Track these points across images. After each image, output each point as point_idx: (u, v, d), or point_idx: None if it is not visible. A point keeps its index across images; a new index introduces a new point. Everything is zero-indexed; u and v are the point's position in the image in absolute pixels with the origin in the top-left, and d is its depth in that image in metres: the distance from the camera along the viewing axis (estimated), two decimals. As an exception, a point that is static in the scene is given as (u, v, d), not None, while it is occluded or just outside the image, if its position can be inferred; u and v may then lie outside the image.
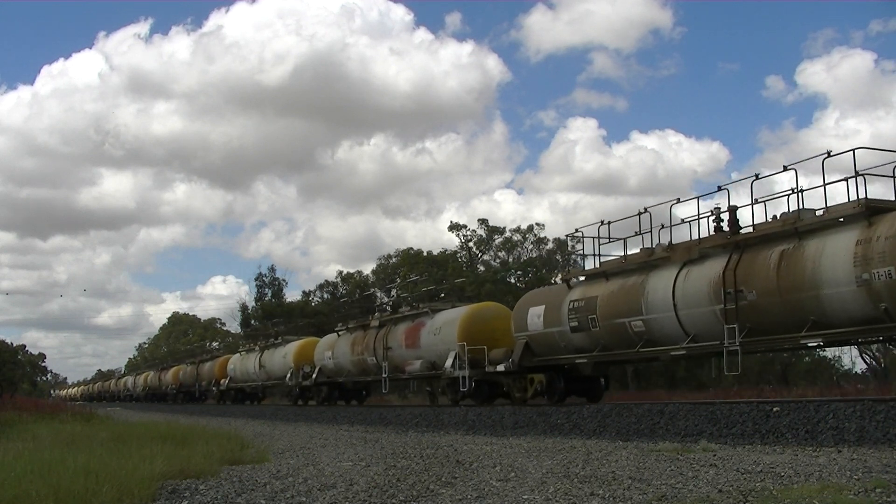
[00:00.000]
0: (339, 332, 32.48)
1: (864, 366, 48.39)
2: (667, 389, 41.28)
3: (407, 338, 26.38)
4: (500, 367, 21.59)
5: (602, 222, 19.82)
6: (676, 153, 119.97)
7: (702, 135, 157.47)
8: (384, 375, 27.35)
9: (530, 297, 22.30)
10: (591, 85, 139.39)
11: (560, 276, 26.92)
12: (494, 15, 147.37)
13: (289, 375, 35.76)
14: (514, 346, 21.41)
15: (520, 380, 21.64)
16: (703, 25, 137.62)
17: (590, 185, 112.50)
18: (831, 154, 14.29)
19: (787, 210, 15.20)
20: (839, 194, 14.22)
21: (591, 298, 19.16)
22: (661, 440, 12.99)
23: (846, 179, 13.93)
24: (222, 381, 47.57)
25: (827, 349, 32.62)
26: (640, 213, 18.72)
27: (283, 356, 37.70)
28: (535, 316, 20.85)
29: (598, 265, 19.97)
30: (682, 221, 18.10)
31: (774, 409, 12.96)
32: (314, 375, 33.55)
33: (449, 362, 23.10)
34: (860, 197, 13.80)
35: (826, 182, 14.51)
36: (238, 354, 47.01)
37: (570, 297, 19.91)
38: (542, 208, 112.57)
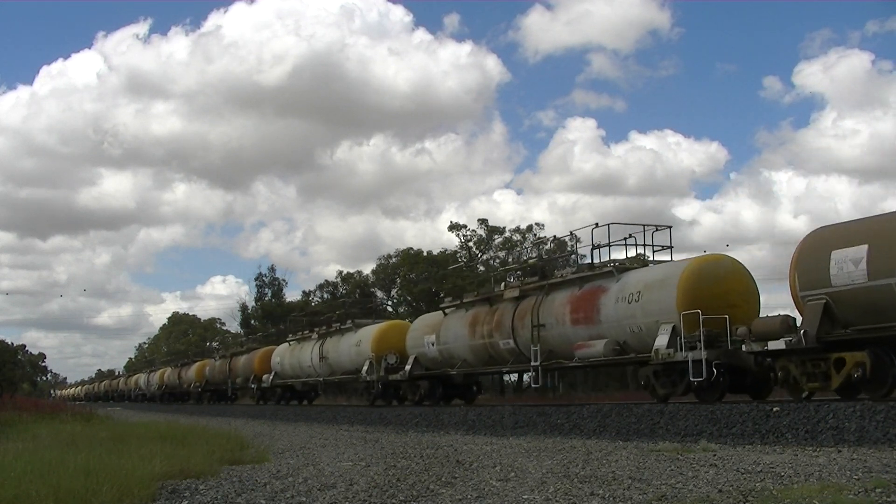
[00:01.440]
0: (447, 310, 26.08)
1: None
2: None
3: (576, 310, 19.61)
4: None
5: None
6: (675, 153, 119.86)
7: (700, 135, 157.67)
8: (535, 363, 20.36)
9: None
10: (589, 86, 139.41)
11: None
12: (492, 16, 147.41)
13: (366, 367, 28.97)
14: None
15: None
16: (701, 26, 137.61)
17: (588, 186, 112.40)
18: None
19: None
20: (837, 195, 14.12)
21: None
22: (661, 440, 12.98)
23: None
24: (265, 376, 40.21)
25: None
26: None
27: (357, 344, 30.50)
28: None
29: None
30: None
31: (774, 409, 12.95)
32: (408, 367, 26.78)
33: (662, 341, 16.75)
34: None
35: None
36: (286, 344, 39.76)
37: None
38: (541, 208, 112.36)
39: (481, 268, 55.85)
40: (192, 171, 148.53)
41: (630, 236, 19.60)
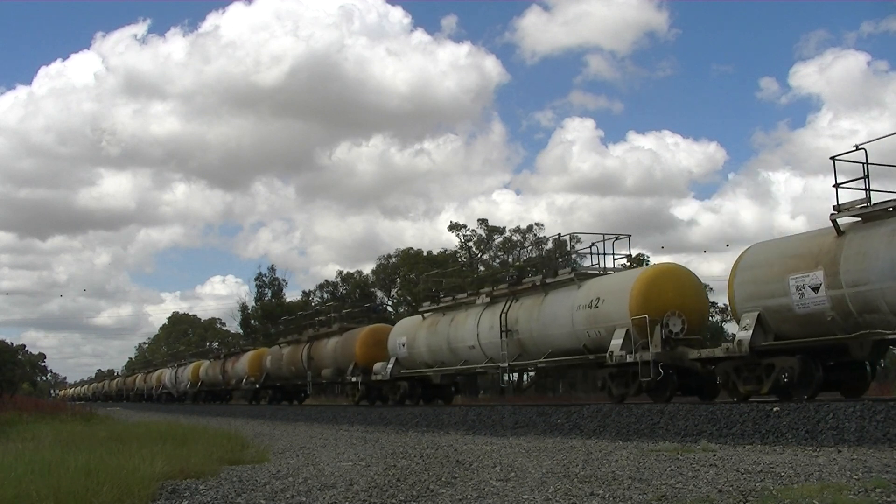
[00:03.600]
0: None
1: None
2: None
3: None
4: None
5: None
6: (673, 154, 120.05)
7: (699, 136, 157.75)
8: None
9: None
10: (587, 87, 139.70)
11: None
12: (489, 17, 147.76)
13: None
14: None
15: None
16: (698, 27, 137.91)
17: (587, 186, 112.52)
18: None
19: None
20: (834, 195, 14.31)
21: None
22: (661, 440, 12.99)
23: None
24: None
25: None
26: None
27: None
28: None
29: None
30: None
31: (774, 409, 12.95)
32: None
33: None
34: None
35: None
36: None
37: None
38: (540, 209, 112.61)
39: (481, 268, 55.86)
40: (191, 171, 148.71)
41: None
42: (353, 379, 30.08)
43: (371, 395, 29.89)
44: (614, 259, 20.79)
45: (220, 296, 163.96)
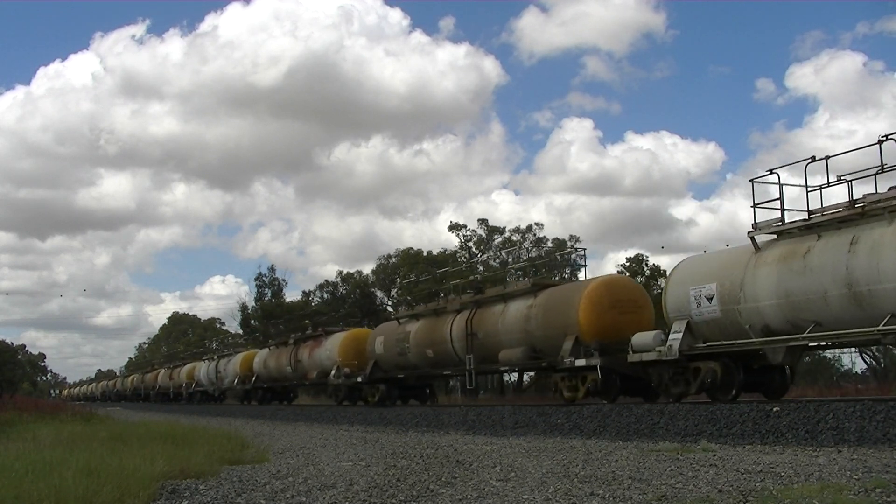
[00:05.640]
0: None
1: (864, 366, 48.35)
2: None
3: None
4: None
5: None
6: (672, 154, 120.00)
7: (697, 136, 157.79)
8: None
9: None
10: (585, 88, 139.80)
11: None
12: (486, 18, 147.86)
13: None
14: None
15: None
16: (695, 28, 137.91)
17: (585, 186, 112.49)
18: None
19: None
20: (833, 196, 14.53)
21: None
22: (661, 440, 12.98)
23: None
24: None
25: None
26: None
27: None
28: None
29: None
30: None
31: (774, 409, 12.96)
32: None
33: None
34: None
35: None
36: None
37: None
38: (539, 209, 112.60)
39: (480, 268, 55.85)
40: (191, 171, 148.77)
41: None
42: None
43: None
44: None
45: (220, 296, 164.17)
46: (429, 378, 28.74)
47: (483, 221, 61.85)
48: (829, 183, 14.62)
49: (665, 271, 45.52)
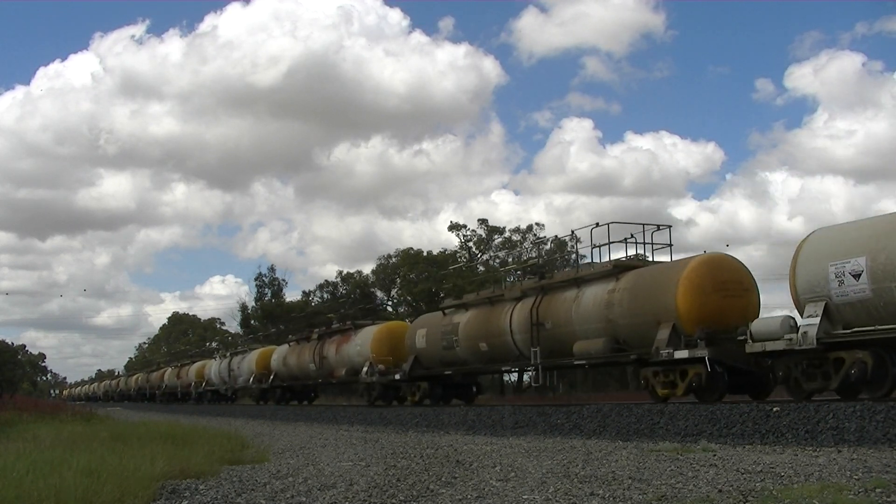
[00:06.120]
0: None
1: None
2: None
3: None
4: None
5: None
6: (671, 154, 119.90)
7: (696, 136, 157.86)
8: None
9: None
10: (584, 88, 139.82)
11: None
12: (486, 18, 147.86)
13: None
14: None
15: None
16: (694, 28, 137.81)
17: (585, 186, 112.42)
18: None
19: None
20: (832, 195, 14.24)
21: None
22: (661, 440, 12.98)
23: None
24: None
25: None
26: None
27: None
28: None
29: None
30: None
31: (774, 409, 12.95)
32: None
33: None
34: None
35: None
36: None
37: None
38: (539, 209, 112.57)
39: (481, 268, 55.85)
40: (190, 171, 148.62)
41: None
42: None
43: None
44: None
45: (220, 296, 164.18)
46: (482, 374, 26.01)
47: (483, 221, 61.97)
48: None
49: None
